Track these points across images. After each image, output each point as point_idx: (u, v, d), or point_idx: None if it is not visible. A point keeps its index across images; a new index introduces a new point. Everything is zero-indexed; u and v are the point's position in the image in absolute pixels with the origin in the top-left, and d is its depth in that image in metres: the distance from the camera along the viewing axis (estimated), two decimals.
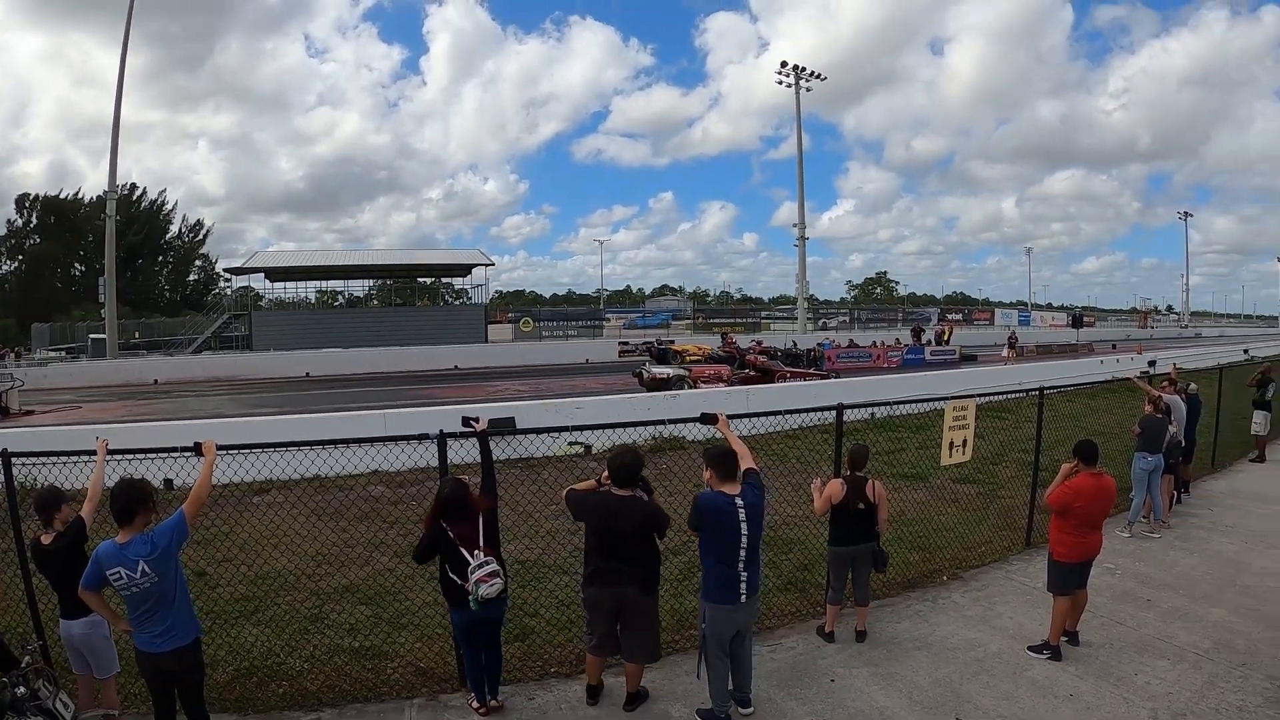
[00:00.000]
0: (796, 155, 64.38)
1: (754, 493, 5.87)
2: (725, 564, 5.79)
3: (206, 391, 31.67)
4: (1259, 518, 12.06)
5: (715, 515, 5.75)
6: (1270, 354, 34.69)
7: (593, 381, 32.65)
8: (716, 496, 5.80)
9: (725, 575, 5.81)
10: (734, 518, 5.70)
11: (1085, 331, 70.30)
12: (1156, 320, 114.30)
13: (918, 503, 11.07)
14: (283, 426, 14.24)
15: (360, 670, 6.70)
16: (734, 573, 5.79)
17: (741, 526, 5.71)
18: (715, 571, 5.85)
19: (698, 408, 12.40)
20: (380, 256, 63.81)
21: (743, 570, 5.81)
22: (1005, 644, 7.49)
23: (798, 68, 60.79)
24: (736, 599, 5.84)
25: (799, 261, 63.72)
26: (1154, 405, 11.33)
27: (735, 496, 5.76)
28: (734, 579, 5.80)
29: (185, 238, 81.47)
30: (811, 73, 61.63)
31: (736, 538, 5.72)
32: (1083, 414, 18.18)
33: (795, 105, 62.31)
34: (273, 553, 8.27)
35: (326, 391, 30.61)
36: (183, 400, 28.61)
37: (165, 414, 23.96)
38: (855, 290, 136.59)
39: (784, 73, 61.10)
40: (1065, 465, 7.46)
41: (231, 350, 48.00)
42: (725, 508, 5.73)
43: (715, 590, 5.87)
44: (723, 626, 5.92)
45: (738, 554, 5.75)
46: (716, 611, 5.88)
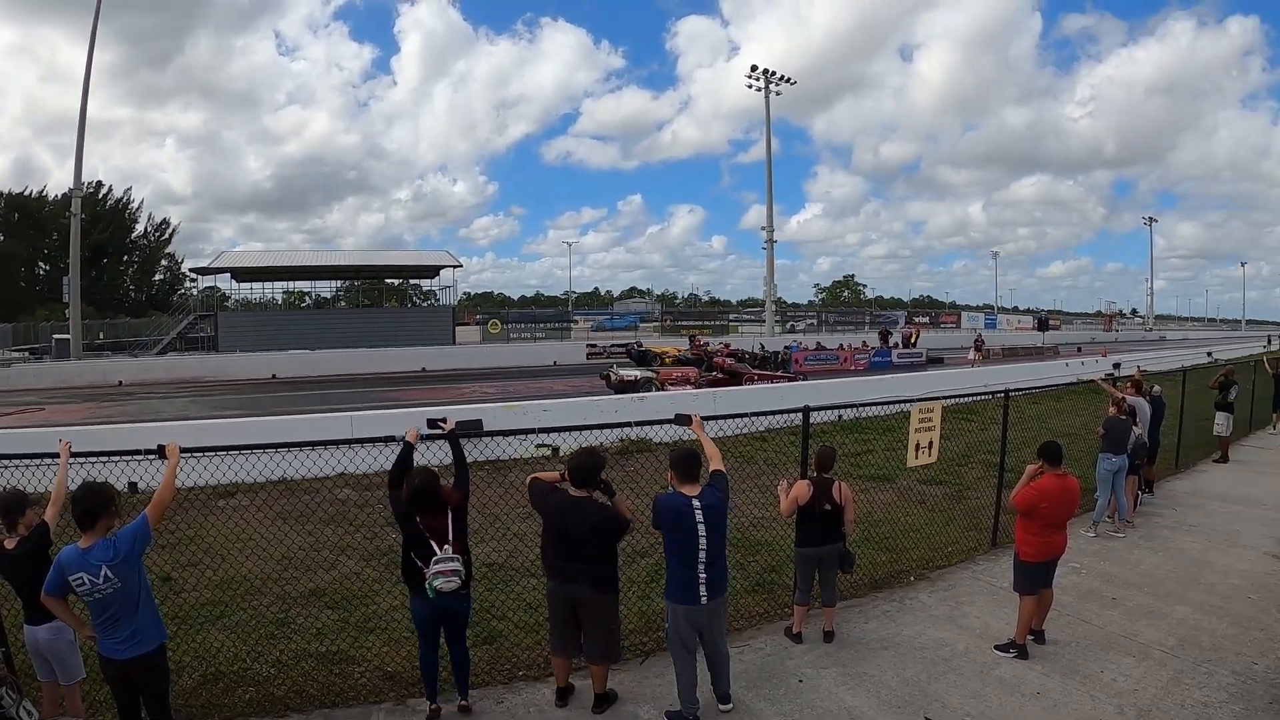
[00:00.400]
0: (765, 159, 64.44)
1: (714, 494, 5.92)
2: (685, 565, 5.83)
3: (171, 393, 31.30)
4: (1222, 517, 12.22)
5: (672, 516, 5.81)
6: (1233, 357, 35.14)
7: (560, 383, 32.60)
8: (674, 498, 5.84)
9: (685, 576, 5.85)
10: (690, 518, 5.75)
11: (1051, 334, 70.84)
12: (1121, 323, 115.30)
13: (885, 504, 11.13)
14: (249, 429, 14.17)
15: (327, 675, 6.64)
16: (693, 574, 5.82)
17: (699, 528, 5.75)
18: (676, 572, 5.90)
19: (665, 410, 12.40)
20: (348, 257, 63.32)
21: (703, 571, 5.82)
22: (972, 643, 7.54)
23: (767, 72, 60.93)
24: (696, 600, 5.86)
25: (767, 264, 63.85)
26: (1118, 407, 11.46)
27: (693, 498, 5.80)
28: (693, 580, 5.83)
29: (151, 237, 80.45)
30: (781, 77, 61.79)
31: (694, 538, 5.76)
32: (1048, 416, 18.35)
33: (765, 109, 62.44)
34: (239, 557, 8.20)
35: (293, 393, 30.33)
36: (147, 402, 28.28)
37: (130, 416, 23.67)
38: (823, 293, 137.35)
39: (754, 76, 61.25)
40: (1030, 466, 7.52)
41: (197, 351, 47.37)
42: (682, 509, 5.78)
43: (676, 591, 5.92)
44: (684, 626, 5.94)
45: (696, 555, 5.79)
46: (678, 611, 5.93)
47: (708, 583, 5.86)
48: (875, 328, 65.85)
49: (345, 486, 11.50)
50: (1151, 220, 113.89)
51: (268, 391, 31.87)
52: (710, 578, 5.87)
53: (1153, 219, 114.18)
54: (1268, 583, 9.35)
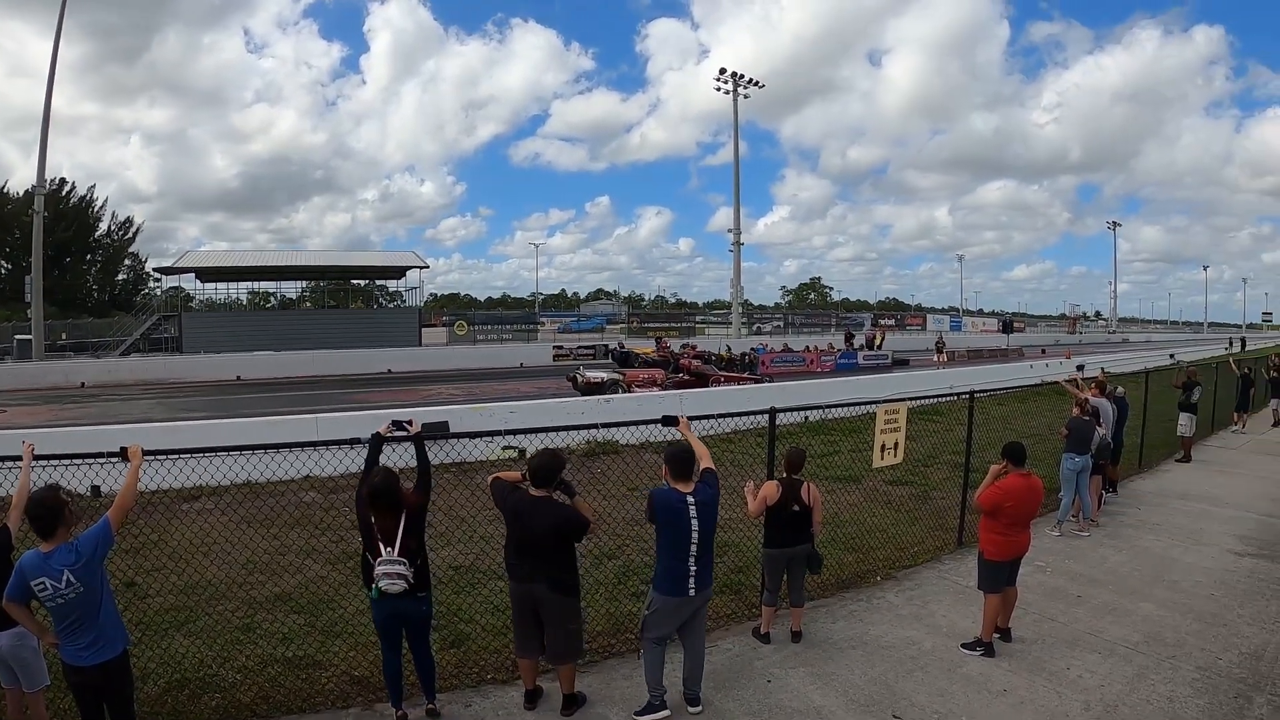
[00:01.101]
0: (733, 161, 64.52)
1: (707, 491, 6.06)
2: (677, 558, 5.94)
3: (135, 395, 30.97)
4: (1185, 515, 12.39)
5: (666, 511, 5.93)
6: (1195, 359, 35.52)
7: (527, 385, 32.48)
8: (668, 493, 5.97)
9: (676, 569, 5.96)
10: (685, 514, 5.88)
11: (1015, 337, 71.58)
12: (1085, 326, 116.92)
13: (851, 504, 11.17)
14: (213, 431, 14.05)
15: (294, 680, 6.57)
16: (685, 567, 5.94)
17: (692, 522, 5.89)
18: (667, 565, 5.99)
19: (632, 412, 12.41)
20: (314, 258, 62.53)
21: (693, 565, 5.95)
22: (939, 642, 7.60)
23: (736, 75, 61.01)
24: (685, 592, 5.99)
25: (734, 267, 63.85)
26: (1081, 408, 11.57)
27: (688, 494, 5.93)
28: (684, 573, 5.95)
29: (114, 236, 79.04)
30: (750, 80, 61.86)
31: (688, 533, 5.89)
32: (1013, 416, 18.48)
33: (733, 112, 62.51)
34: (203, 561, 8.13)
35: (258, 395, 30.07)
36: (110, 404, 27.94)
37: (93, 418, 23.37)
38: (790, 295, 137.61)
39: (722, 79, 61.31)
40: (995, 466, 7.57)
41: (161, 353, 46.70)
42: (676, 504, 5.91)
43: (665, 583, 6.02)
44: (668, 617, 6.06)
45: (689, 548, 5.92)
46: (664, 603, 6.03)
47: (696, 575, 5.99)
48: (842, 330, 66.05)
49: (310, 489, 11.42)
50: (1115, 224, 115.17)
51: (232, 393, 31.57)
52: (699, 571, 6.00)
53: (1117, 223, 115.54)
54: (1230, 579, 9.48)
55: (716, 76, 61.37)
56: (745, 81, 61.51)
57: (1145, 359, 37.17)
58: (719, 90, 61.69)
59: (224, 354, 42.24)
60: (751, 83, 61.94)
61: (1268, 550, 10.68)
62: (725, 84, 61.30)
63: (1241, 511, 12.79)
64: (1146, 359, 37.15)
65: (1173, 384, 17.78)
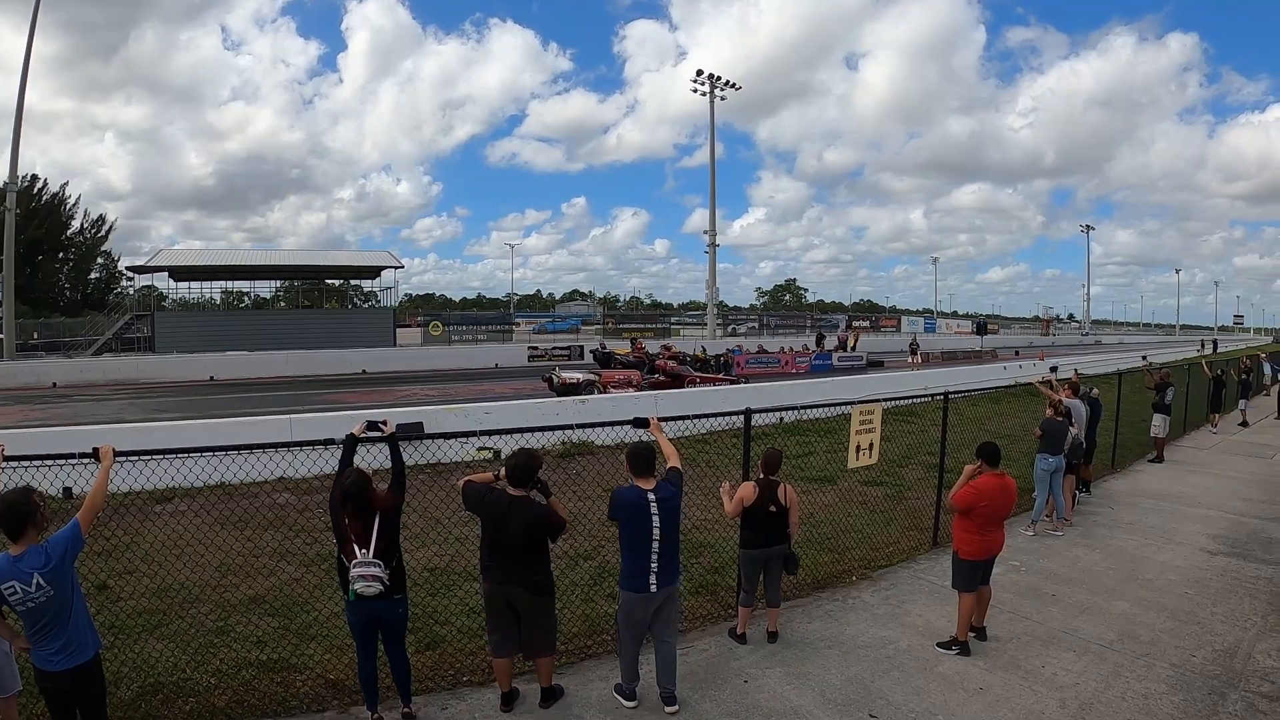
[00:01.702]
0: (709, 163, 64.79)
1: (668, 488, 6.10)
2: (638, 554, 6.01)
3: (107, 395, 30.62)
4: (1158, 515, 12.50)
5: (626, 509, 6.00)
6: (1167, 360, 35.91)
7: (502, 386, 32.33)
8: (630, 491, 6.03)
9: (637, 565, 6.03)
10: (646, 510, 5.95)
11: (989, 338, 72.04)
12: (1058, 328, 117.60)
13: (827, 505, 11.21)
14: (186, 432, 13.94)
15: (269, 684, 6.51)
16: (645, 563, 6.00)
17: (653, 519, 5.94)
18: (629, 561, 6.08)
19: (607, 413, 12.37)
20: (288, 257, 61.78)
21: (654, 562, 6.00)
22: (915, 641, 7.63)
23: (713, 77, 60.96)
24: (646, 588, 6.04)
25: (709, 268, 63.87)
26: (1054, 409, 11.65)
27: (649, 491, 5.99)
28: (645, 569, 6.01)
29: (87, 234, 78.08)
30: (727, 82, 61.82)
31: (648, 530, 5.94)
32: (987, 417, 18.63)
33: (709, 114, 62.61)
34: (176, 564, 8.04)
35: (231, 396, 29.79)
36: (82, 404, 27.63)
37: (64, 419, 23.14)
38: (765, 297, 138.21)
39: (699, 81, 61.23)
40: (969, 467, 7.63)
41: (134, 352, 46.06)
42: (637, 502, 5.97)
43: (628, 579, 6.11)
44: (634, 612, 6.12)
45: (650, 545, 5.97)
46: (628, 599, 6.11)
47: (658, 571, 6.03)
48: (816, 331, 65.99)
49: (284, 491, 11.34)
50: (1089, 228, 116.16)
51: (206, 394, 31.27)
52: (660, 567, 6.04)
53: (1090, 227, 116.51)
54: (1203, 578, 9.58)
55: (693, 78, 61.35)
56: (722, 83, 61.51)
57: (1118, 361, 37.56)
58: (696, 92, 61.69)
59: (197, 354, 41.71)
60: (728, 84, 61.97)
61: (1240, 549, 10.79)
62: (702, 85, 61.28)
63: (1214, 511, 12.92)
64: (1119, 361, 37.53)
65: (1146, 385, 17.96)
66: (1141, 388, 18.18)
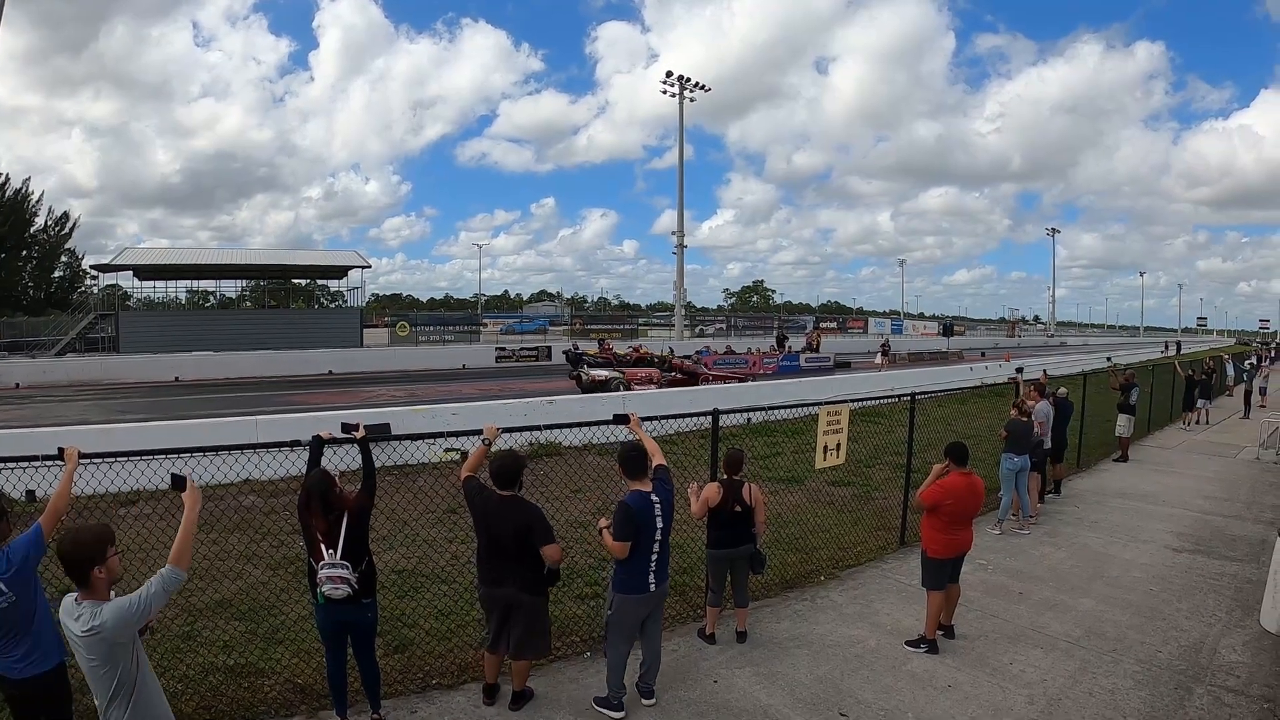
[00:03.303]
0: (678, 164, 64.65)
1: (664, 488, 6.12)
2: (641, 558, 5.98)
3: (71, 396, 30.14)
4: (1123, 513, 12.65)
5: (643, 520, 5.92)
6: (1131, 361, 36.30)
7: (469, 387, 32.18)
8: (638, 499, 5.96)
9: (638, 568, 6.00)
10: (652, 514, 5.94)
11: (956, 340, 72.47)
12: (1024, 330, 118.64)
13: (794, 505, 11.26)
14: (151, 433, 13.75)
15: (236, 689, 6.44)
16: (645, 565, 6.00)
17: (657, 521, 5.96)
18: (631, 565, 6.00)
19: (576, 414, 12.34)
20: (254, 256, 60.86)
21: (654, 562, 6.02)
22: (884, 639, 7.67)
23: (682, 78, 60.85)
24: (646, 588, 6.05)
25: (677, 269, 63.68)
26: (1018, 409, 11.74)
27: (650, 494, 5.99)
28: (645, 570, 6.01)
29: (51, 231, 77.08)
30: (696, 83, 61.73)
31: (653, 533, 5.96)
32: (953, 418, 18.78)
33: (679, 115, 62.54)
34: (141, 567, 7.90)
35: (197, 397, 29.38)
36: (45, 405, 27.18)
37: (27, 420, 22.78)
38: (733, 298, 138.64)
39: (669, 82, 61.06)
40: (937, 466, 7.68)
41: (98, 353, 45.30)
42: (647, 509, 5.94)
43: (626, 581, 6.05)
44: (631, 615, 6.10)
45: (652, 547, 5.99)
46: (626, 601, 6.07)
47: (656, 571, 6.06)
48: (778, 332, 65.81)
49: (250, 493, 11.22)
50: (1054, 231, 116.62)
51: (171, 395, 30.81)
52: (659, 567, 6.08)
53: (1055, 230, 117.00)
54: (1168, 575, 9.70)
55: (663, 79, 61.09)
56: (691, 85, 61.45)
57: (1083, 362, 37.91)
58: (665, 93, 61.52)
59: (162, 354, 41.05)
60: (698, 86, 61.88)
61: (1204, 546, 10.94)
62: (671, 87, 61.18)
63: (1178, 509, 13.10)
64: (1084, 362, 37.88)
65: (1111, 386, 18.16)
66: (1106, 388, 18.37)
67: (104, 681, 3.96)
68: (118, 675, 3.98)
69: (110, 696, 3.98)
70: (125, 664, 4.01)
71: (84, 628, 3.90)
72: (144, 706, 4.09)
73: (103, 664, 3.95)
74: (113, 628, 3.91)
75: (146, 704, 4.09)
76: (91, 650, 3.93)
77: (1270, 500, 14.13)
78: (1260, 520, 12.53)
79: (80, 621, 3.92)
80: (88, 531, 4.24)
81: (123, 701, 4.01)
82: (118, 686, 3.98)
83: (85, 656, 3.96)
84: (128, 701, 4.02)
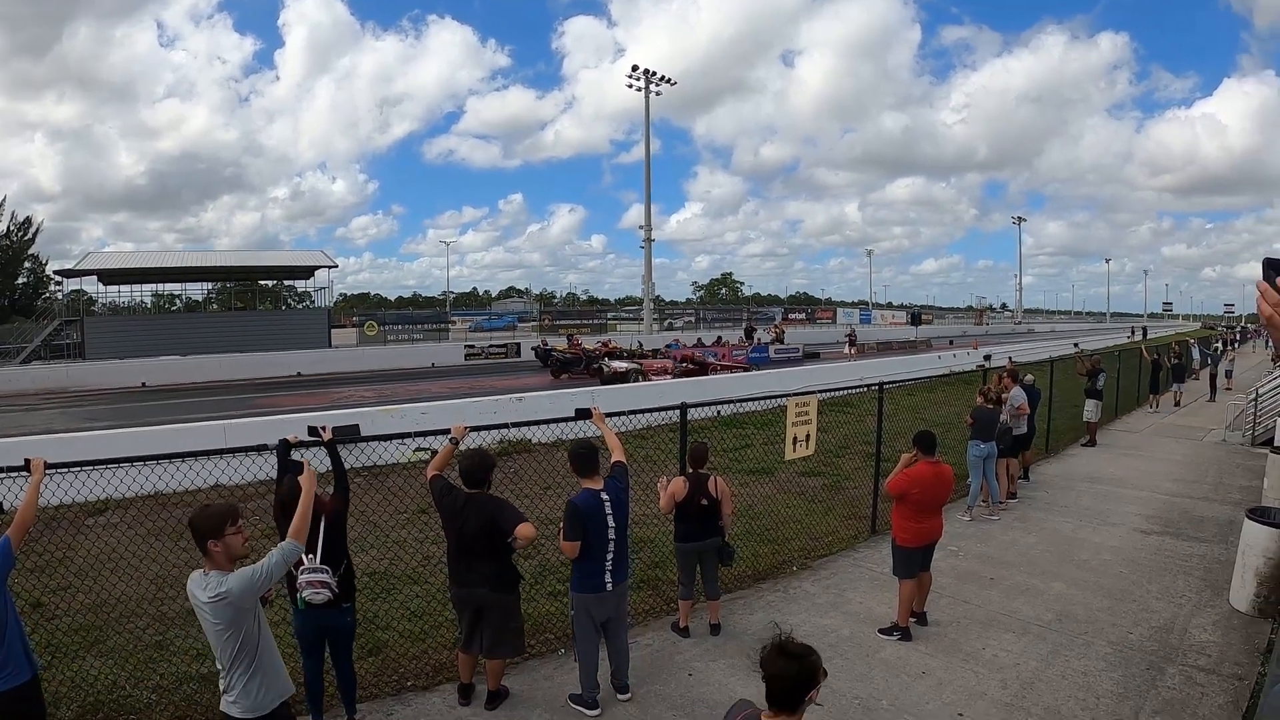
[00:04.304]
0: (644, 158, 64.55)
1: (616, 485, 6.10)
2: (594, 558, 5.97)
3: (36, 405, 29.72)
4: (1092, 497, 12.79)
5: (589, 520, 5.91)
6: (1098, 347, 36.65)
7: (439, 385, 32.01)
8: (588, 498, 5.96)
9: (593, 567, 5.99)
10: (602, 513, 5.93)
11: (924, 329, 73.02)
12: (992, 317, 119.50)
13: (765, 496, 11.33)
14: (118, 441, 13.59)
15: (210, 698, 6.34)
16: (600, 564, 5.99)
17: (608, 519, 5.94)
18: (585, 564, 6.00)
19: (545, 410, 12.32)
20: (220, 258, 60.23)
21: (609, 561, 6.00)
22: (857, 628, 7.74)
23: (648, 72, 60.73)
24: (603, 587, 6.04)
25: (645, 263, 63.46)
26: (984, 396, 11.83)
27: (600, 491, 5.98)
28: (600, 569, 6.00)
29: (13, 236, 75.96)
30: (662, 77, 61.64)
31: (605, 531, 5.94)
32: (922, 406, 18.95)
33: (644, 109, 62.43)
34: (111, 578, 7.87)
35: (164, 402, 29.00)
36: (10, 415, 26.72)
37: None
38: (701, 291, 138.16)
39: (634, 76, 60.90)
40: (905, 455, 7.72)
41: (63, 359, 44.76)
42: (596, 508, 5.93)
43: (582, 580, 6.06)
44: (591, 613, 6.10)
45: (606, 547, 5.97)
46: (583, 600, 6.07)
47: (612, 569, 6.04)
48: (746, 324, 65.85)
49: (220, 499, 11.14)
50: (1020, 220, 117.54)
51: (138, 400, 30.39)
52: (614, 565, 6.05)
53: (1021, 219, 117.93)
54: (1137, 557, 9.82)
55: (629, 73, 61.04)
56: (657, 79, 61.38)
57: (1050, 348, 38.22)
58: (631, 87, 61.37)
59: (128, 359, 40.46)
60: (664, 80, 61.79)
61: (1172, 528, 11.08)
62: (638, 81, 61.05)
63: (1146, 492, 13.26)
64: (1052, 348, 38.19)
65: (1078, 371, 18.34)
66: (1074, 374, 18.54)
67: (228, 645, 4.25)
68: (241, 638, 4.26)
69: (233, 659, 4.27)
70: (248, 628, 4.30)
71: (211, 594, 4.18)
72: (264, 669, 4.37)
73: (227, 628, 4.22)
74: (238, 594, 4.19)
75: (266, 667, 4.38)
76: (218, 615, 4.20)
77: (1237, 481, 14.36)
78: (1228, 501, 12.72)
79: (207, 590, 4.20)
80: (211, 509, 4.51)
81: (245, 664, 4.29)
82: (240, 649, 4.26)
83: (211, 622, 4.23)
84: (250, 663, 4.30)
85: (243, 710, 4.33)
